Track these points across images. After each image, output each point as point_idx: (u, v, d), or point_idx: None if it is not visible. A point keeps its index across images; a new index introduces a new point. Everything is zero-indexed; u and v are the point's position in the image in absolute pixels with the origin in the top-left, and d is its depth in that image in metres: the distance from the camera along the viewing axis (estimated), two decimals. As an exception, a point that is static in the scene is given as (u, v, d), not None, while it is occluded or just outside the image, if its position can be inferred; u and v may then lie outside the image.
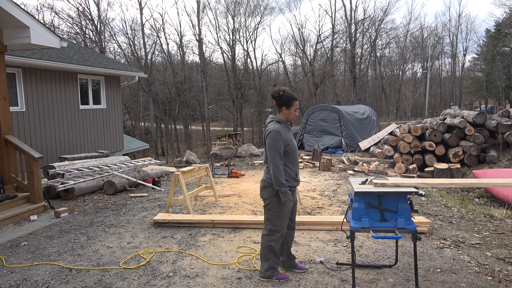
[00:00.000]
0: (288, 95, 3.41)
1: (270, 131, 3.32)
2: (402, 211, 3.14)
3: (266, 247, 3.45)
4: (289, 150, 3.36)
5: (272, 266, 3.48)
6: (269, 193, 3.41)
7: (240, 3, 37.72)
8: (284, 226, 3.45)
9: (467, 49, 48.36)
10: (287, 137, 3.38)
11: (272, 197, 3.39)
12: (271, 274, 3.48)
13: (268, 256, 3.47)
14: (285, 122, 3.44)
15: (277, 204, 3.39)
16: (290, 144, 3.37)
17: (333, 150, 14.48)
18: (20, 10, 6.02)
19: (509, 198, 7.28)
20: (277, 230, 3.43)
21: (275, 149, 3.28)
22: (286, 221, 3.47)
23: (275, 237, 3.43)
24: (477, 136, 10.91)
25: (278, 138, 3.29)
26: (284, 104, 3.41)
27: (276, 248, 3.46)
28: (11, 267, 4.00)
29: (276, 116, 3.48)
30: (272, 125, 3.40)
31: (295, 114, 3.45)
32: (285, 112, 3.43)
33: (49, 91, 9.41)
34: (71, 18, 31.97)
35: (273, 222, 3.43)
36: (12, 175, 6.43)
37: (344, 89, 41.26)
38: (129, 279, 3.63)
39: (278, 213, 3.40)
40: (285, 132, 3.36)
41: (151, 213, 6.02)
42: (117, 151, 11.96)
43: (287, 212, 3.45)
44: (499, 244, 4.53)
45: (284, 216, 3.42)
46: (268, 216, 3.46)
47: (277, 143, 3.28)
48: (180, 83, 34.57)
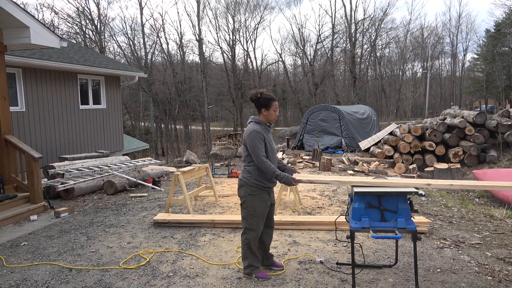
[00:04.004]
0: (266, 97, 3.49)
1: (250, 132, 3.42)
2: (402, 211, 3.14)
3: (244, 245, 3.54)
4: (268, 152, 3.45)
5: (251, 264, 3.54)
6: (244, 192, 3.48)
7: (240, 3, 37.80)
8: (259, 225, 3.51)
9: (467, 49, 48.43)
10: (267, 137, 3.48)
11: (248, 196, 3.47)
12: (250, 272, 3.55)
13: (247, 255, 3.54)
14: (264, 123, 3.52)
15: (252, 203, 3.46)
16: (268, 145, 3.46)
17: (333, 150, 14.48)
18: (20, 10, 6.02)
19: (509, 198, 7.29)
20: (252, 228, 3.49)
21: (258, 148, 3.37)
22: (262, 220, 3.53)
23: (250, 235, 3.49)
24: (477, 136, 10.91)
25: (259, 137, 3.39)
26: (263, 105, 3.49)
27: (253, 246, 3.52)
28: (11, 267, 4.00)
29: (257, 117, 3.56)
30: (251, 125, 3.49)
31: (275, 115, 3.54)
32: (265, 114, 3.50)
33: (49, 91, 9.41)
34: (71, 18, 31.91)
35: (248, 221, 3.49)
36: (12, 175, 6.43)
37: (344, 89, 41.28)
38: (129, 279, 3.63)
39: (253, 212, 3.47)
40: (264, 133, 3.45)
41: (151, 213, 6.02)
42: (117, 151, 11.95)
43: (263, 211, 3.51)
44: (499, 244, 4.53)
45: (259, 215, 3.49)
46: (243, 215, 3.54)
47: (259, 142, 3.38)
48: (180, 83, 34.56)
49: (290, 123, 41.58)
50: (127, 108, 34.99)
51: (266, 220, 3.59)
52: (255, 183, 3.44)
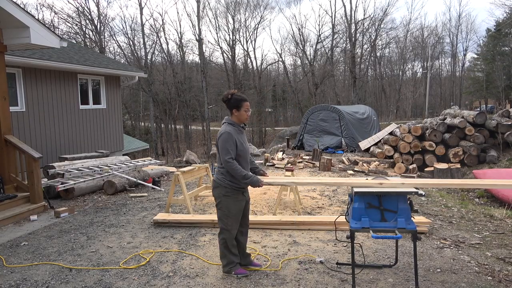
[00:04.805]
0: (236, 98, 3.53)
1: (222, 134, 3.46)
2: (402, 211, 3.14)
3: (221, 245, 3.60)
4: (239, 153, 3.48)
5: (230, 262, 3.60)
6: (218, 193, 3.54)
7: (240, 3, 37.78)
8: (234, 225, 3.57)
9: (467, 49, 48.40)
10: (239, 139, 3.50)
11: (222, 197, 3.52)
12: (229, 269, 3.61)
13: (224, 253, 3.61)
14: (237, 125, 3.56)
15: (227, 204, 3.51)
16: (240, 146, 3.49)
17: (333, 150, 14.48)
18: (20, 10, 6.02)
19: (509, 198, 7.29)
20: (227, 228, 3.54)
21: (226, 150, 3.41)
22: (237, 220, 3.58)
23: (226, 235, 3.56)
24: (477, 136, 10.91)
25: (229, 139, 3.42)
26: (234, 106, 3.53)
27: (230, 245, 3.57)
28: (11, 267, 4.00)
29: (230, 118, 3.59)
30: (223, 127, 3.54)
31: (247, 115, 3.58)
32: (236, 114, 3.54)
33: (49, 91, 9.41)
34: (71, 18, 31.90)
35: (223, 221, 3.55)
36: (12, 175, 6.43)
37: (344, 89, 41.25)
38: (129, 279, 3.64)
39: (227, 213, 3.52)
40: (236, 134, 3.49)
41: (151, 213, 6.02)
42: (117, 151, 11.95)
43: (237, 211, 3.56)
44: (499, 244, 4.53)
45: (233, 216, 3.54)
46: (219, 215, 3.59)
47: (228, 144, 3.41)
48: (180, 83, 34.55)
49: (290, 123, 41.55)
50: (127, 108, 34.99)
51: (241, 219, 3.66)
52: (229, 184, 3.49)
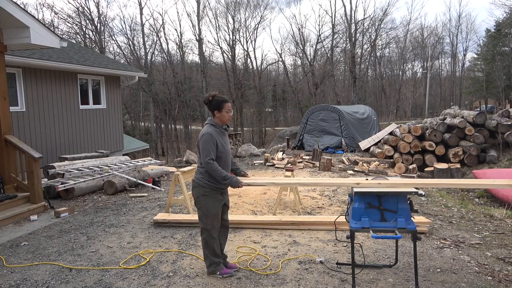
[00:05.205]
0: (217, 99, 3.58)
1: (202, 135, 3.49)
2: (402, 211, 3.14)
3: (203, 245, 3.62)
4: (220, 155, 3.51)
5: (213, 262, 3.61)
6: (197, 192, 3.57)
7: (240, 2, 37.74)
8: (214, 225, 3.58)
9: (467, 49, 48.40)
10: (220, 140, 3.52)
11: (200, 197, 3.55)
12: (213, 270, 3.62)
13: (207, 254, 3.62)
14: (219, 126, 3.59)
15: (205, 204, 3.54)
16: (221, 148, 3.51)
17: (333, 150, 14.47)
18: (20, 10, 6.02)
19: (509, 198, 7.28)
20: (207, 228, 3.56)
21: (207, 150, 3.43)
22: (216, 220, 3.60)
23: (207, 235, 3.58)
24: (477, 136, 10.91)
25: (210, 140, 3.44)
26: (215, 108, 3.57)
27: (212, 245, 3.58)
28: (11, 267, 4.00)
29: (212, 120, 3.61)
30: (205, 128, 3.56)
31: (229, 116, 3.60)
32: (218, 116, 3.58)
33: (49, 91, 9.41)
34: (71, 18, 31.90)
35: (203, 221, 3.57)
36: (12, 175, 6.43)
37: (344, 89, 41.26)
38: (129, 279, 3.64)
39: (206, 212, 3.54)
40: (218, 135, 3.51)
41: (151, 213, 6.02)
42: (117, 151, 11.95)
43: (216, 211, 3.58)
44: (499, 244, 4.53)
45: (212, 215, 3.56)
46: (199, 215, 3.62)
47: (209, 145, 3.43)
48: (180, 83, 34.54)
49: (290, 123, 41.55)
50: (127, 108, 34.98)
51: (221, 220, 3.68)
52: (207, 184, 3.51)
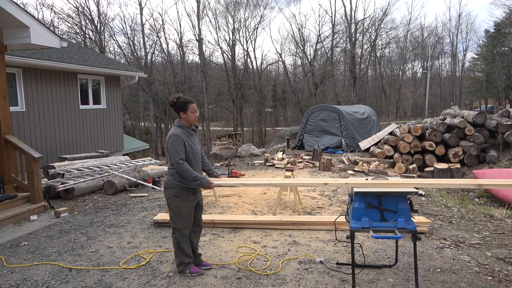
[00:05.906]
0: (182, 100, 3.58)
1: (170, 136, 3.52)
2: (402, 211, 3.14)
3: (174, 245, 3.66)
4: (189, 155, 3.53)
5: (183, 262, 3.65)
6: (168, 193, 3.61)
7: (240, 2, 37.77)
8: (186, 225, 3.62)
9: (467, 49, 48.43)
10: (188, 141, 3.55)
11: (172, 198, 3.58)
12: (183, 269, 3.66)
13: (178, 253, 3.65)
14: (186, 127, 3.61)
15: (176, 204, 3.57)
16: (189, 148, 3.54)
17: (333, 150, 14.47)
18: (20, 10, 6.02)
19: (509, 198, 7.28)
20: (178, 228, 3.60)
21: (176, 151, 3.47)
22: (188, 220, 3.63)
23: (178, 235, 3.60)
24: (477, 136, 10.91)
25: (178, 141, 3.47)
26: (180, 109, 3.58)
27: (182, 245, 3.62)
28: (11, 267, 4.00)
29: (179, 121, 3.63)
30: (172, 129, 3.59)
31: (195, 116, 3.61)
32: (184, 117, 3.59)
33: (49, 91, 9.40)
34: (71, 18, 31.91)
35: (175, 221, 3.61)
36: (12, 175, 6.43)
37: (344, 89, 41.28)
38: (129, 279, 3.64)
39: (178, 213, 3.58)
40: (185, 136, 3.54)
41: (151, 213, 6.02)
42: (117, 151, 11.95)
43: (188, 211, 3.61)
44: (499, 244, 4.53)
45: (184, 216, 3.59)
46: (170, 215, 3.65)
47: (178, 146, 3.46)
48: (180, 83, 34.55)
49: (290, 123, 41.57)
50: (127, 108, 34.99)
51: (194, 219, 3.70)
52: (178, 185, 3.54)
